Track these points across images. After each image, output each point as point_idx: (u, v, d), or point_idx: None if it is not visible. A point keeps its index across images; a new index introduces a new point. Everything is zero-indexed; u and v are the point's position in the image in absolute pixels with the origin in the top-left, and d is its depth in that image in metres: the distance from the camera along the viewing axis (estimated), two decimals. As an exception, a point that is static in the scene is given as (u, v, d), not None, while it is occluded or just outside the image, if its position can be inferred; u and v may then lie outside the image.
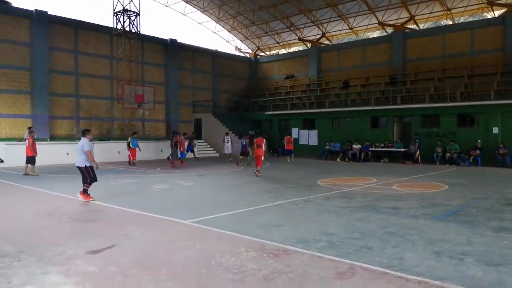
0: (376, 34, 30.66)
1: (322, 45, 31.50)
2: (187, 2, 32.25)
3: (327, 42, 32.23)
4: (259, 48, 36.06)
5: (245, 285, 4.07)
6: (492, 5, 23.94)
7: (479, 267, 4.52)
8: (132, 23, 23.88)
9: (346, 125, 24.74)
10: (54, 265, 4.66)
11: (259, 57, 35.91)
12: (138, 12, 23.92)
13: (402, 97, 22.83)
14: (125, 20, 23.75)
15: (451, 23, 26.73)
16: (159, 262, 4.79)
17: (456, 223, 6.80)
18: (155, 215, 7.48)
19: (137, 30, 24.06)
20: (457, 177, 13.82)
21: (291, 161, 21.35)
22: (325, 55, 30.65)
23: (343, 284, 4.08)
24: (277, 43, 35.09)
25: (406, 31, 26.57)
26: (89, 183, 9.04)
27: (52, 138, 22.24)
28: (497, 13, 24.52)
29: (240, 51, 36.82)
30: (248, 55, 36.38)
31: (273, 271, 4.38)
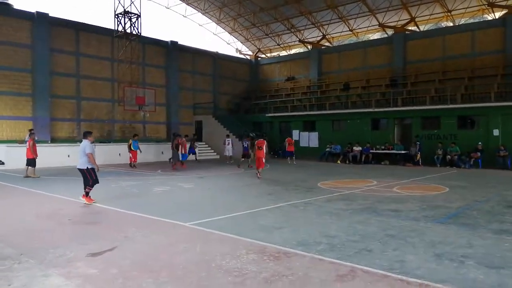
0: (376, 36, 30.70)
1: (322, 47, 31.54)
2: (188, 4, 32.34)
3: (327, 44, 32.27)
4: (259, 50, 36.10)
5: (246, 287, 4.07)
6: (492, 6, 23.95)
7: (480, 270, 4.52)
8: (133, 25, 23.91)
9: (346, 127, 24.75)
10: (54, 267, 4.67)
11: (259, 59, 35.93)
12: (139, 14, 23.95)
13: (402, 99, 22.84)
14: (126, 22, 23.76)
15: (452, 24, 26.74)
16: (159, 264, 4.79)
17: (456, 225, 6.80)
18: (156, 218, 7.48)
19: (138, 32, 24.08)
20: (457, 180, 13.81)
21: (293, 163, 21.34)
22: (326, 57, 30.66)
23: (344, 286, 4.07)
24: (278, 45, 35.15)
25: (406, 33, 26.58)
26: (91, 185, 9.07)
27: (53, 140, 22.28)
28: (498, 14, 24.53)
29: (240, 53, 36.88)
30: (248, 57, 36.40)
31: (274, 274, 4.39)
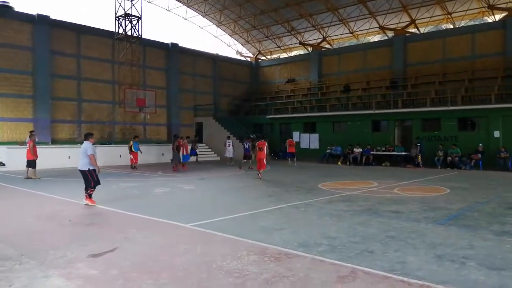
0: (376, 38, 30.72)
1: (323, 49, 31.57)
2: (188, 6, 32.40)
3: (328, 46, 32.30)
4: (260, 52, 36.15)
5: (247, 288, 4.07)
6: (492, 9, 23.97)
7: (481, 271, 4.51)
8: (133, 27, 23.96)
9: (347, 128, 24.75)
10: (55, 268, 4.67)
11: (260, 61, 36.00)
12: (139, 16, 24.01)
13: (403, 101, 22.85)
14: (126, 24, 23.82)
15: (452, 27, 26.76)
16: (160, 265, 4.79)
17: (457, 227, 6.79)
18: (156, 219, 7.48)
19: (139, 34, 24.14)
20: (458, 181, 13.79)
21: (294, 164, 21.30)
22: (326, 59, 30.70)
23: (344, 288, 4.07)
24: (278, 47, 35.16)
25: (406, 35, 26.62)
26: (93, 186, 9.07)
27: (53, 141, 22.30)
28: (498, 17, 24.57)
29: (241, 55, 36.90)
30: (249, 59, 36.46)
31: (275, 275, 4.38)
